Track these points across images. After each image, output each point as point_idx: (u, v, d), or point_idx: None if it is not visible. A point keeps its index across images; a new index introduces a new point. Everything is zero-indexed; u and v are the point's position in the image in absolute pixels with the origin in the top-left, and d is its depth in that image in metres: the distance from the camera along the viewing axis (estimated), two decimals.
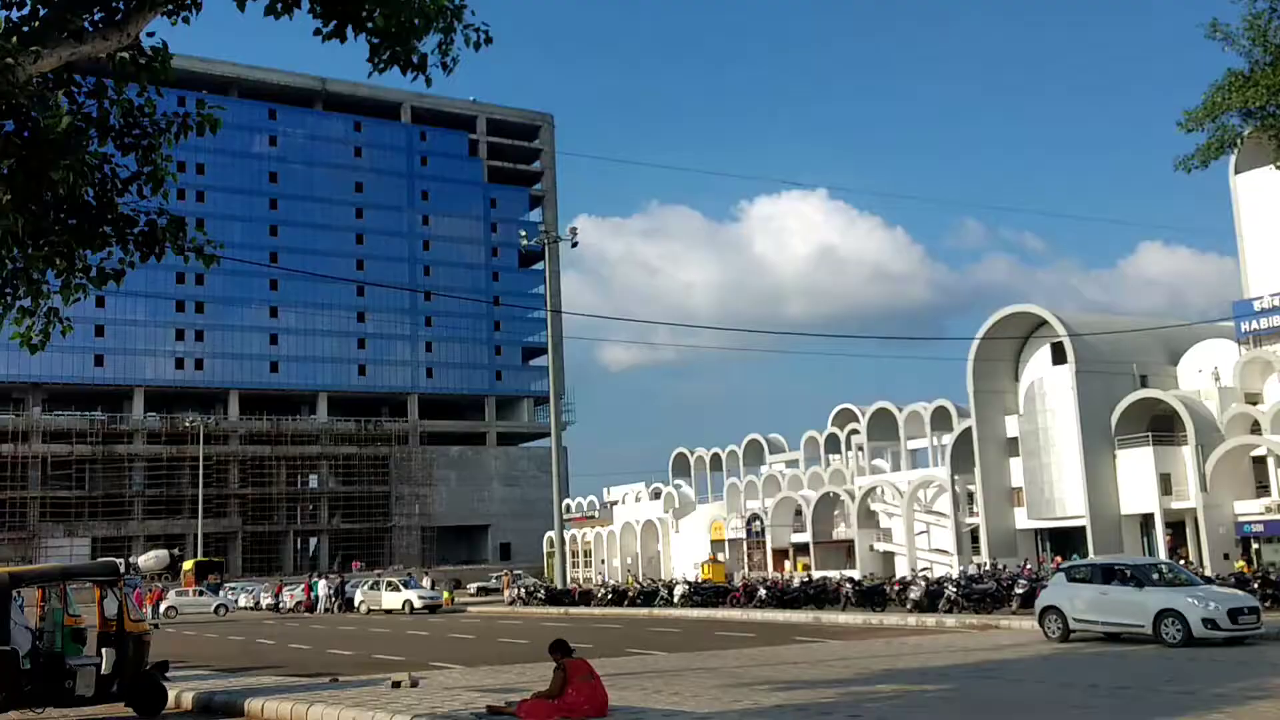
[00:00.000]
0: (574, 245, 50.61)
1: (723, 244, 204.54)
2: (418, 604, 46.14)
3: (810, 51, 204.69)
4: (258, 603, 58.33)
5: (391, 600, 47.23)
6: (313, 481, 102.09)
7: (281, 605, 54.65)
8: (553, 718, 11.54)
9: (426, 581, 57.05)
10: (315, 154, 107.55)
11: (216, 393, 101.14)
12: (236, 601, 58.19)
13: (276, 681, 17.58)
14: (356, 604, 49.08)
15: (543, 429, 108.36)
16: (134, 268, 10.33)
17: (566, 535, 65.91)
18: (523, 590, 49.19)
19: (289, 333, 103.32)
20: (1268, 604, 24.97)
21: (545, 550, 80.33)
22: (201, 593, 55.64)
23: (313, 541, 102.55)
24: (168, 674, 15.15)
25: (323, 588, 52.99)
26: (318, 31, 9.59)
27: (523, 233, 61.98)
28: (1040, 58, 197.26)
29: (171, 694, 15.25)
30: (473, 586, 60.41)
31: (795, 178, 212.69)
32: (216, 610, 51.37)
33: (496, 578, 64.05)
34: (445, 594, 51.41)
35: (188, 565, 70.89)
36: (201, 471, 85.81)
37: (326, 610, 50.51)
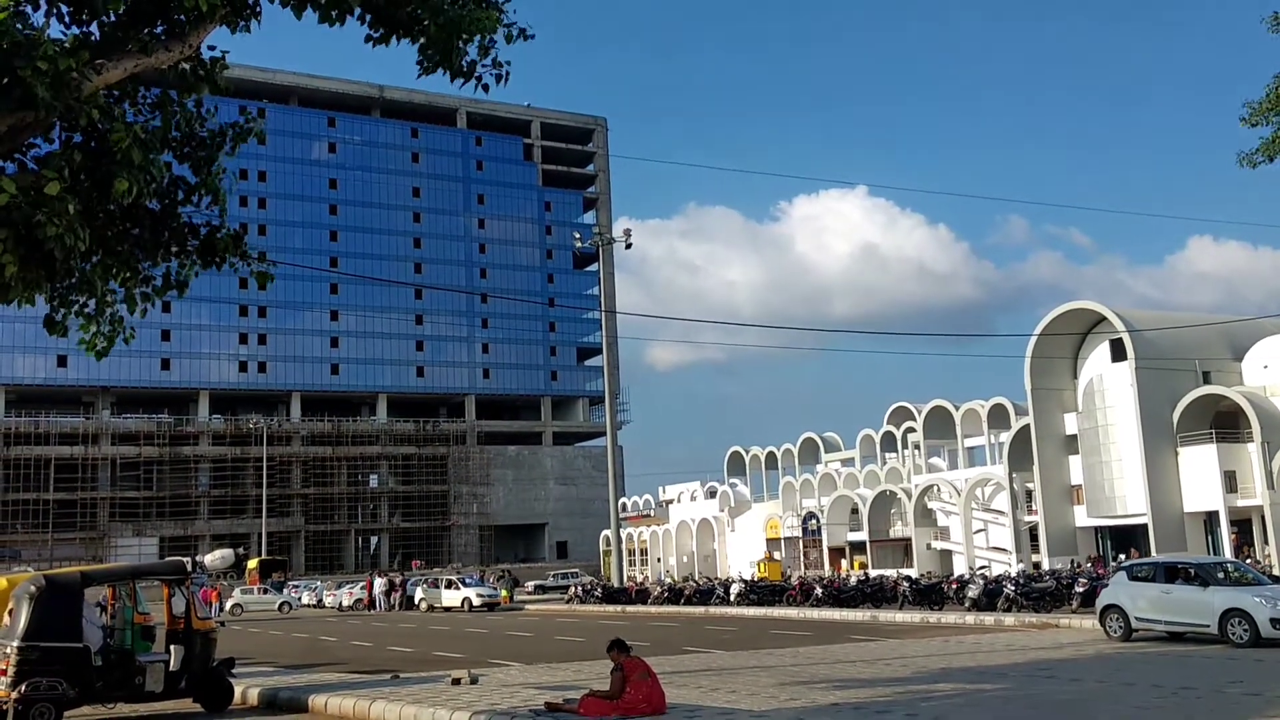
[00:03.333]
0: (628, 247, 50.75)
1: (764, 243, 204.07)
2: (476, 601, 46.61)
3: (845, 47, 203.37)
4: (320, 600, 59.24)
5: (450, 598, 47.77)
6: (373, 481, 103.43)
7: (340, 604, 55.40)
8: (611, 715, 11.67)
9: (491, 578, 57.54)
10: (373, 160, 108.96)
11: (279, 395, 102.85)
12: (300, 599, 59.16)
13: (339, 678, 17.91)
14: (416, 601, 49.70)
15: (598, 428, 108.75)
16: (196, 275, 10.59)
17: (622, 534, 66.16)
18: (580, 589, 49.51)
19: (349, 335, 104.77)
20: None
21: (601, 549, 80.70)
22: (266, 590, 56.66)
23: (373, 540, 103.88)
24: (234, 670, 15.51)
25: (379, 585, 53.73)
26: (369, 38, 9.81)
27: (577, 235, 62.25)
28: (1082, 53, 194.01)
29: (238, 690, 15.62)
30: (530, 584, 60.84)
31: (834, 176, 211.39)
32: (280, 608, 52.29)
33: (556, 576, 64.47)
34: (504, 591, 51.88)
35: (252, 564, 72.17)
36: (265, 472, 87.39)
37: (389, 608, 51.25)
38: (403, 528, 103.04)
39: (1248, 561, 32.20)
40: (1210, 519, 44.88)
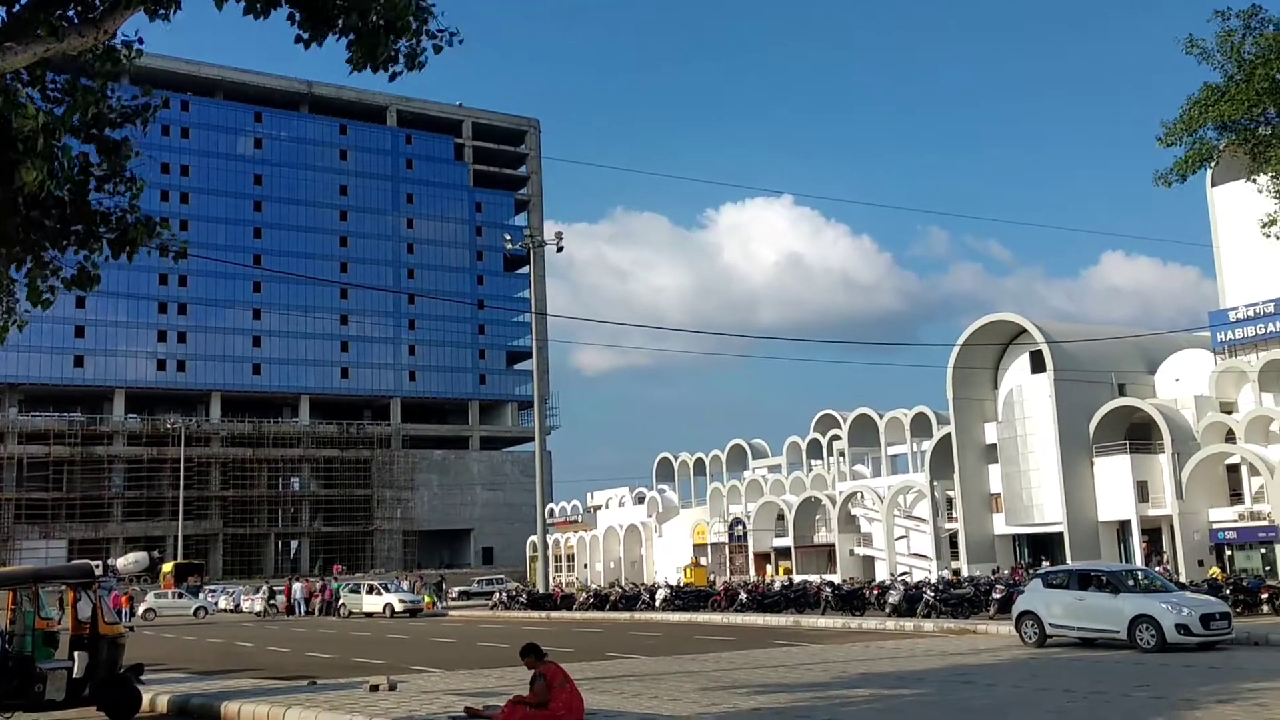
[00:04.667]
0: (559, 250, 50.55)
1: (691, 250, 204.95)
2: (399, 607, 46.05)
3: (773, 57, 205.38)
4: (238, 605, 58.02)
5: (372, 603, 47.14)
6: (294, 484, 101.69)
7: (253, 609, 54.19)
8: None
9: (406, 584, 56.94)
10: (300, 157, 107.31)
11: (198, 394, 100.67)
12: (216, 604, 57.87)
13: (254, 684, 17.53)
14: (337, 606, 48.97)
15: (526, 433, 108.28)
16: (106, 263, 10.25)
17: (549, 540, 65.85)
18: (505, 595, 49.19)
19: (272, 335, 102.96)
20: (1239, 610, 25.21)
21: (528, 554, 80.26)
22: (181, 595, 55.32)
23: (294, 544, 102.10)
24: (142, 677, 15.08)
25: (299, 590, 52.88)
26: (299, 39, 9.60)
27: (507, 236, 61.89)
28: (1000, 68, 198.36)
29: (146, 697, 15.19)
30: (455, 590, 60.21)
31: (761, 185, 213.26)
32: (196, 613, 51.09)
33: (481, 582, 63.90)
34: (426, 598, 51.30)
35: (167, 567, 70.43)
36: (183, 473, 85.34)
37: (308, 613, 50.44)
38: (324, 532, 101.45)
39: (1156, 569, 33.09)
40: (1123, 528, 46.06)
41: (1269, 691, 13.72)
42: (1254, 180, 24.93)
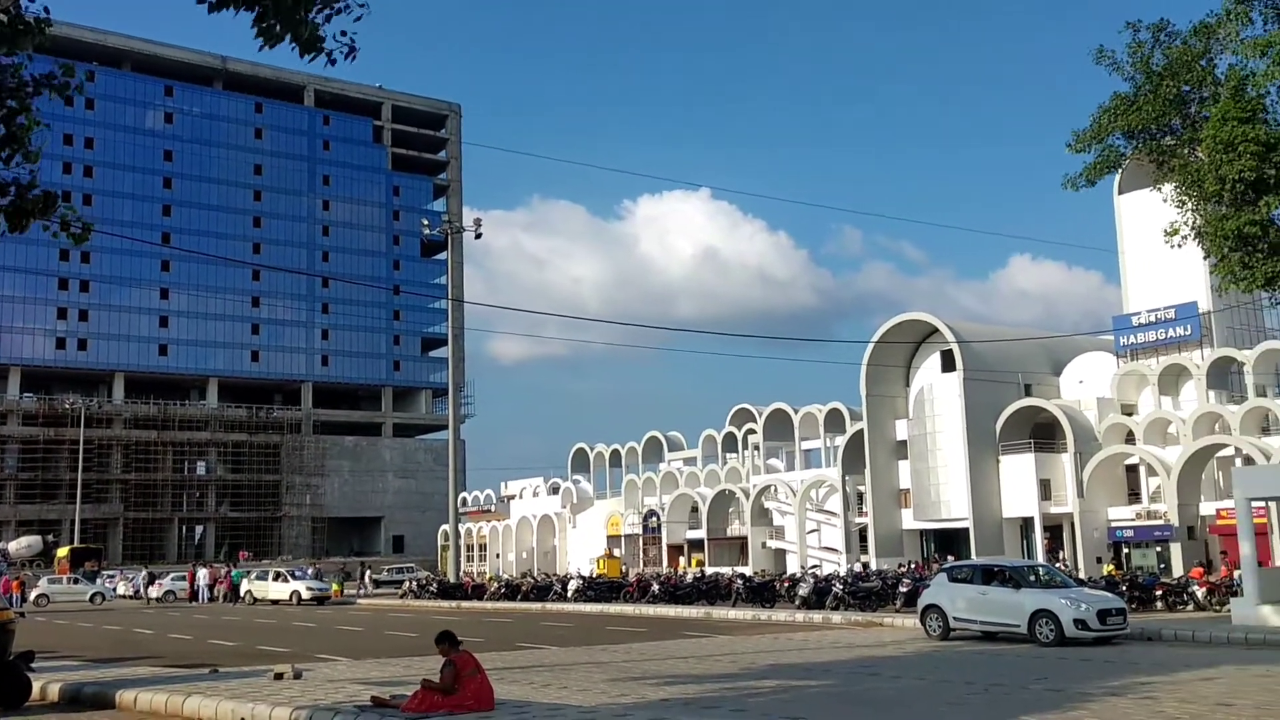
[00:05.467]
0: (478, 236, 50.15)
1: (609, 241, 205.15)
2: (306, 595, 45.31)
3: (691, 51, 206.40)
4: (138, 591, 56.46)
5: (278, 590, 46.31)
6: (200, 468, 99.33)
7: (152, 596, 52.80)
8: (439, 711, 11.44)
9: (312, 571, 56.06)
10: (213, 134, 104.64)
11: (100, 374, 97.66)
12: (115, 590, 56.22)
13: (152, 672, 17.05)
14: (242, 594, 48.00)
15: (440, 421, 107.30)
16: (1, 236, 9.85)
17: (462, 529, 65.35)
18: (415, 583, 48.70)
19: (180, 315, 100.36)
20: (1134, 606, 26.05)
21: (440, 543, 79.60)
22: (76, 580, 53.62)
23: (198, 530, 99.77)
24: (33, 665, 14.58)
25: (203, 576, 51.71)
26: (208, 5, 9.29)
27: (425, 222, 61.20)
28: (919, 67, 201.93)
29: (36, 685, 14.66)
30: (373, 577, 59.36)
31: (679, 178, 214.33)
32: (92, 599, 49.57)
33: (391, 570, 63.23)
34: (334, 585, 50.55)
35: (62, 552, 68.20)
36: (81, 455, 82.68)
37: (212, 600, 49.38)
38: (231, 517, 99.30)
39: (1057, 565, 34.05)
40: (1026, 524, 47.30)
41: (1160, 685, 14.21)
42: (1159, 189, 25.76)
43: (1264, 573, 23.89)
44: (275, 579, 47.67)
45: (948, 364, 48.92)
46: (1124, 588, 27.41)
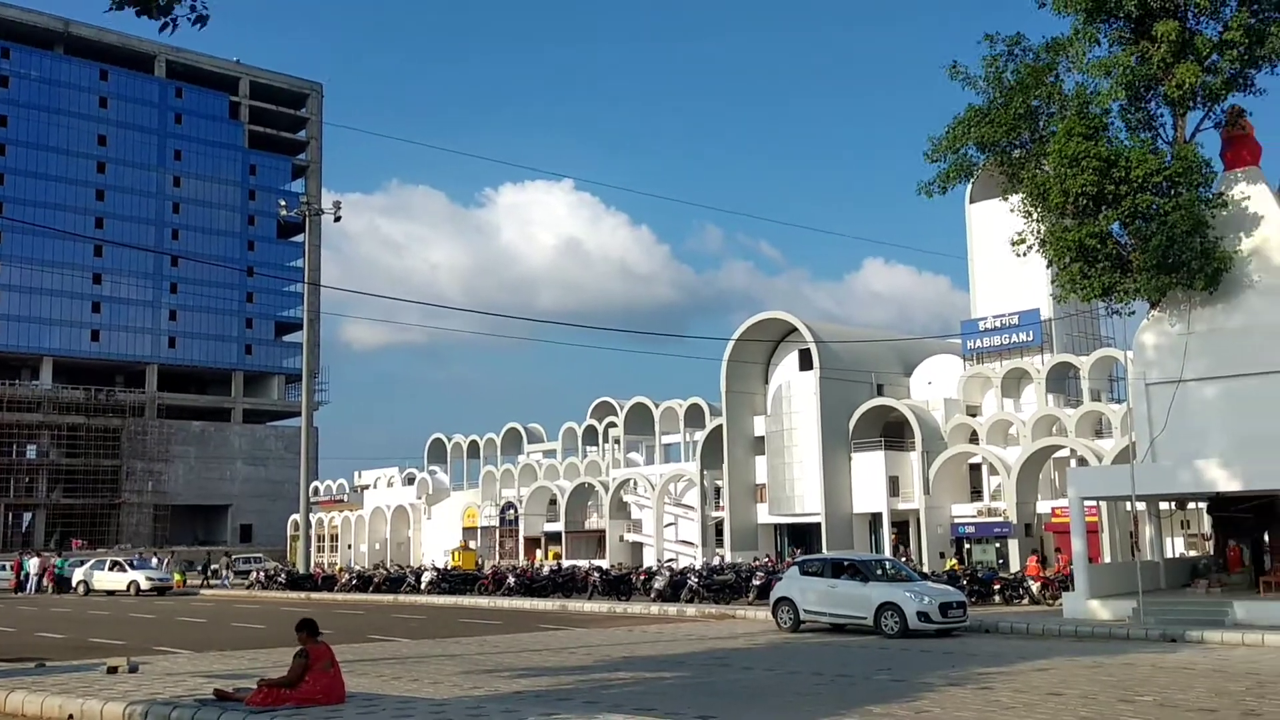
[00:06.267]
0: (337, 219, 48.96)
1: (470, 228, 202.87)
2: (145, 585, 43.42)
3: (559, 43, 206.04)
4: None
5: (115, 580, 44.23)
6: (30, 452, 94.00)
7: None
8: (285, 705, 11.08)
9: (154, 561, 53.79)
10: (54, 100, 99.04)
11: None
12: None
13: None
14: (74, 584, 45.69)
15: (293, 408, 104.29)
16: None
17: (313, 519, 63.69)
18: (263, 574, 47.23)
19: (11, 290, 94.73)
20: (974, 599, 27.14)
21: (290, 533, 77.42)
22: None
23: (27, 516, 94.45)
24: None
25: (32, 565, 49.05)
26: None
27: (283, 202, 59.12)
28: (777, 71, 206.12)
29: None
30: (223, 565, 57.18)
31: (543, 168, 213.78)
32: None
33: (238, 560, 60.88)
34: (177, 575, 48.61)
35: None
36: None
37: (40, 590, 46.87)
38: (64, 504, 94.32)
39: (903, 560, 35.22)
40: (875, 519, 48.82)
41: (996, 675, 14.81)
42: (1007, 199, 26.85)
43: (1094, 569, 25.21)
44: (112, 568, 45.54)
45: (805, 363, 50.06)
46: (965, 582, 28.52)
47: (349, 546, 75.46)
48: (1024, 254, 26.07)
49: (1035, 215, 25.24)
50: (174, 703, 11.41)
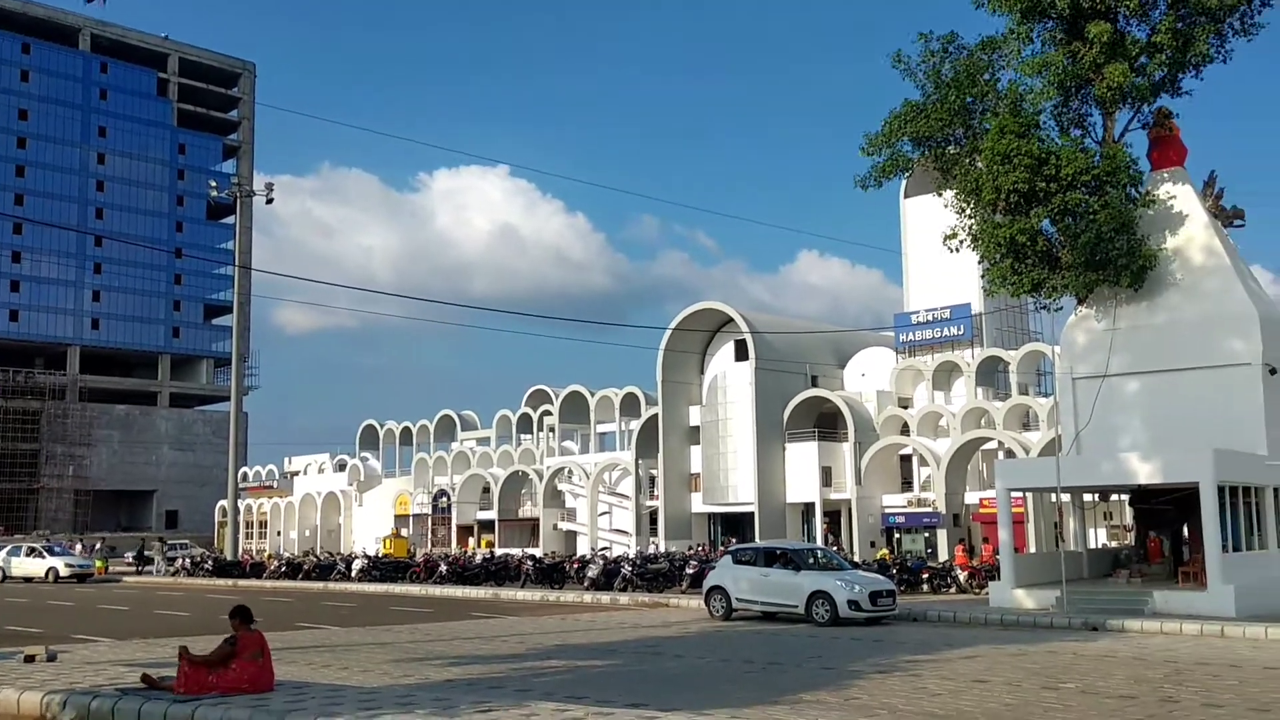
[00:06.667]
0: (269, 201, 48.11)
1: (403, 213, 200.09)
2: (64, 572, 42.34)
3: (498, 30, 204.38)
4: None
5: (33, 567, 43.06)
6: None
7: None
8: (212, 693, 10.85)
9: (77, 548, 52.51)
10: None
11: None
12: None
13: None
14: None
15: (222, 392, 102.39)
16: None
17: (242, 505, 62.61)
18: (189, 560, 46.34)
19: None
20: (903, 588, 27.52)
21: (217, 519, 76.05)
22: None
23: None
24: None
25: None
26: None
27: (213, 183, 58.14)
28: (716, 59, 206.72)
29: None
30: (128, 555, 55.96)
31: (477, 153, 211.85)
32: None
33: (172, 545, 59.73)
34: (98, 562, 47.48)
35: None
36: None
37: None
38: None
39: (834, 549, 35.61)
40: (808, 509, 49.31)
41: (923, 663, 15.04)
42: (941, 195, 27.21)
43: (1019, 558, 25.71)
44: (29, 554, 44.32)
45: (741, 353, 50.33)
46: (894, 571, 28.91)
47: (278, 533, 74.39)
48: (956, 249, 26.45)
49: (968, 211, 25.62)
50: (94, 692, 11.14)
